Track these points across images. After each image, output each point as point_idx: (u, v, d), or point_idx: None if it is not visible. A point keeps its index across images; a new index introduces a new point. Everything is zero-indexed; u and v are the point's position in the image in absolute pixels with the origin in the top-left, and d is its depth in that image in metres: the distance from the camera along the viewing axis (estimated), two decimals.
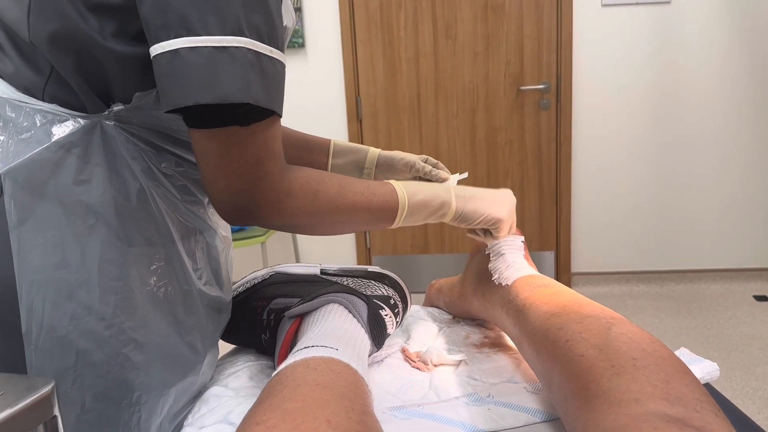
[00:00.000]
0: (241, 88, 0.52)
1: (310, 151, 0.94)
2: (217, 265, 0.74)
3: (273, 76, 0.55)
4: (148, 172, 0.62)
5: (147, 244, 0.63)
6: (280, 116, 0.59)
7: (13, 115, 0.59)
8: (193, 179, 0.68)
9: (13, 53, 0.60)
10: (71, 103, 0.60)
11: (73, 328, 0.59)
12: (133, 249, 0.62)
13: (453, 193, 0.75)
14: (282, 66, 0.57)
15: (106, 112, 0.60)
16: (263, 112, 0.56)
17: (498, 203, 0.78)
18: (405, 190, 0.72)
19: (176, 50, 0.51)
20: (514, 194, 0.84)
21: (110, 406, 0.62)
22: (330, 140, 0.95)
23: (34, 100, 0.59)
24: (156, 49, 0.52)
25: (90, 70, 0.58)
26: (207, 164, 0.58)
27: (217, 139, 0.56)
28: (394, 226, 0.73)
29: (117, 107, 0.60)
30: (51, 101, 0.60)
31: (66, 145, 0.59)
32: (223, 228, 0.77)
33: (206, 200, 0.71)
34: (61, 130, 0.59)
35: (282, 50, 0.57)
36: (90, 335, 0.60)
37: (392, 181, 0.73)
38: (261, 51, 0.54)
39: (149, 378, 0.64)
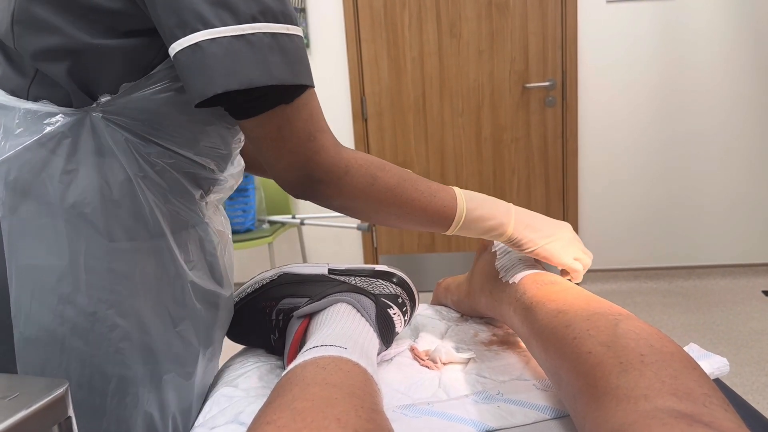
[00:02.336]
0: (264, 72, 0.54)
1: None
2: (213, 258, 0.74)
3: (293, 52, 0.57)
4: (137, 164, 0.62)
5: (133, 236, 0.63)
6: (312, 86, 0.60)
7: (4, 119, 0.60)
8: (185, 172, 0.67)
9: (0, 57, 0.62)
10: (56, 100, 0.61)
11: (58, 320, 0.60)
12: (119, 240, 0.62)
13: (513, 216, 0.74)
14: (300, 39, 0.58)
15: (93, 105, 0.60)
16: (294, 88, 0.58)
17: (553, 237, 0.77)
18: (466, 202, 0.72)
19: (197, 44, 0.53)
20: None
21: (95, 396, 0.62)
22: None
23: (22, 101, 0.61)
24: (175, 47, 0.53)
25: (76, 71, 0.59)
26: (265, 149, 0.61)
27: (267, 123, 0.58)
28: (449, 233, 0.73)
29: (104, 98, 0.60)
30: (36, 101, 0.61)
31: (54, 138, 0.59)
32: (218, 223, 0.76)
33: (198, 194, 0.70)
34: (50, 125, 0.60)
35: (296, 23, 0.58)
36: (74, 327, 0.61)
37: (455, 188, 0.73)
38: (276, 31, 0.55)
39: (135, 367, 0.64)
